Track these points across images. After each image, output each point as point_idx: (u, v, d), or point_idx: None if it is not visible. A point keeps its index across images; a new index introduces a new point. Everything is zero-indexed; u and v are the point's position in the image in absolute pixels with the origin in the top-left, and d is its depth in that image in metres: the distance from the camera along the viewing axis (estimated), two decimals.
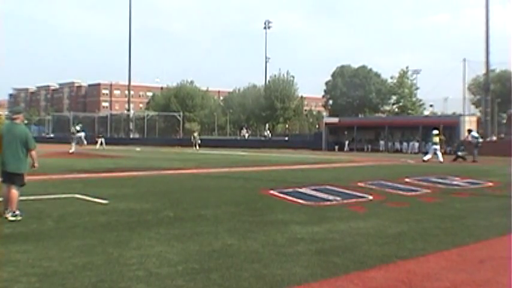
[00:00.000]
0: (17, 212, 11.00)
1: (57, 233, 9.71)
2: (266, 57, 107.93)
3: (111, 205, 13.15)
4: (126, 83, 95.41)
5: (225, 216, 11.91)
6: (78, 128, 42.03)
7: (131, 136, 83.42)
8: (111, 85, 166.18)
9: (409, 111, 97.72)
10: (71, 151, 37.38)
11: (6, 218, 10.85)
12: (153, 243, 8.76)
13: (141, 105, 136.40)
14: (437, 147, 37.58)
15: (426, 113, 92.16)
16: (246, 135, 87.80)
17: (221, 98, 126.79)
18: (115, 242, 8.88)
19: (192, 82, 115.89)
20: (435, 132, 38.55)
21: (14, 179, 11.17)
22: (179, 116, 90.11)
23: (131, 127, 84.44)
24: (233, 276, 6.86)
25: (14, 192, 11.04)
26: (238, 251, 8.32)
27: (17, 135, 11.21)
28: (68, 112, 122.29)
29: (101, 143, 60.19)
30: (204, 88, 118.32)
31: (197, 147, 58.83)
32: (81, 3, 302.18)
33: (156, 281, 6.61)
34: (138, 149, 54.15)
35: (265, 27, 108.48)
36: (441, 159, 36.42)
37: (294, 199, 14.75)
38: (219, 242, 9.05)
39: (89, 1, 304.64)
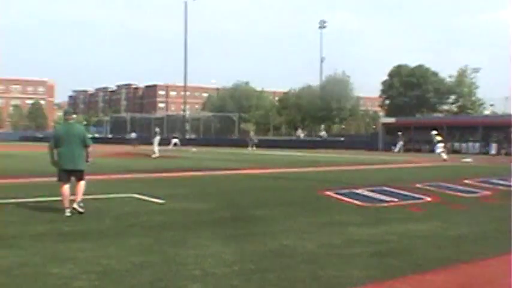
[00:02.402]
0: (81, 204, 11.59)
1: (115, 232, 9.88)
2: (321, 58, 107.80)
3: (167, 205, 13.29)
4: (182, 84, 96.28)
5: (281, 216, 11.92)
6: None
7: (187, 137, 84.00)
8: (167, 86, 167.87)
9: (469, 110, 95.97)
10: (154, 155, 37.41)
11: (80, 212, 11.41)
12: (209, 243, 8.82)
13: (197, 106, 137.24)
14: (441, 145, 38.29)
15: (486, 112, 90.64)
16: (302, 135, 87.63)
17: (276, 98, 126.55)
18: (171, 241, 8.98)
19: (247, 83, 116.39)
20: (434, 132, 40.73)
21: (78, 175, 11.72)
22: (234, 116, 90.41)
23: (187, 128, 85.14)
24: (289, 277, 6.87)
25: (81, 186, 11.74)
26: (294, 252, 8.33)
27: (75, 134, 11.73)
28: (125, 113, 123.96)
29: (175, 144, 60.74)
30: (259, 89, 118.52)
31: (253, 147, 58.86)
32: (138, 6, 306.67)
33: (212, 280, 6.67)
34: (194, 149, 54.50)
35: (320, 27, 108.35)
36: (445, 157, 38.03)
37: (350, 200, 14.68)
38: (275, 242, 9.06)
39: (146, 4, 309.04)
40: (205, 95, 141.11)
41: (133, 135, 72.75)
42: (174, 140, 61.99)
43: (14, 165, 28.28)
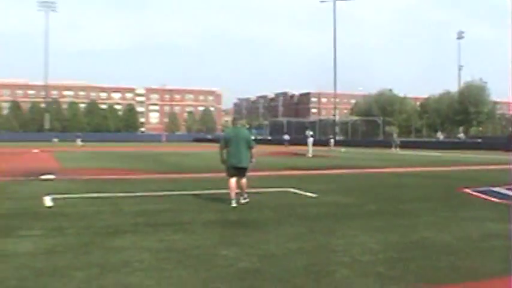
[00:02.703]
0: (245, 196, 12.19)
1: (274, 221, 10.03)
2: (459, 66, 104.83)
3: (320, 198, 13.36)
4: (333, 92, 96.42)
5: (423, 211, 11.64)
6: (310, 132, 42.46)
7: (337, 138, 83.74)
8: (319, 94, 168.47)
9: None
10: (309, 155, 37.77)
11: (241, 203, 11.93)
12: (356, 233, 8.79)
13: (345, 111, 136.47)
14: None
15: None
16: (441, 137, 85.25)
17: (418, 103, 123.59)
18: (323, 231, 9.01)
19: (391, 90, 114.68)
20: None
21: (241, 171, 12.11)
22: (379, 120, 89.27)
23: (337, 130, 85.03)
24: (429, 266, 6.73)
25: (244, 181, 12.19)
26: (434, 243, 8.13)
27: (242, 137, 12.18)
28: (282, 118, 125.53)
29: (335, 143, 61.00)
30: (401, 95, 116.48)
31: (396, 148, 57.73)
32: (294, 25, 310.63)
33: (359, 267, 6.65)
34: (343, 149, 54.30)
35: (458, 38, 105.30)
36: None
37: (488, 197, 14.06)
38: (417, 234, 8.88)
39: (300, 21, 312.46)
40: (352, 101, 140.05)
41: (285, 137, 74.34)
42: (332, 141, 62.18)
43: (189, 163, 29.42)
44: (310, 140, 39.79)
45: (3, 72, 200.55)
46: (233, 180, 12.09)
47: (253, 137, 12.96)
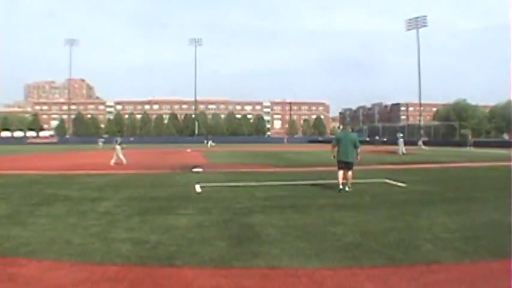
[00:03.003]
0: (350, 185, 12.28)
1: (372, 205, 9.98)
2: None
3: (408, 187, 13.08)
4: (418, 102, 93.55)
5: (492, 197, 11.05)
6: (400, 134, 41.35)
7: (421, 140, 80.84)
8: (407, 104, 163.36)
9: None
10: (400, 152, 36.87)
11: (346, 190, 12.04)
12: (438, 215, 8.59)
13: (428, 117, 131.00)
14: None
15: None
16: (506, 137, 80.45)
17: (487, 110, 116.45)
18: (411, 213, 8.86)
19: (465, 100, 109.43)
20: None
21: (347, 165, 12.31)
22: (456, 124, 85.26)
23: (421, 133, 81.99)
24: (497, 242, 6.52)
25: (350, 174, 12.37)
26: (501, 224, 7.78)
27: (349, 138, 12.52)
28: (377, 123, 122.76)
29: (423, 143, 59.05)
30: (473, 103, 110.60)
31: (470, 147, 54.59)
32: (385, 47, 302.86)
33: (440, 243, 6.55)
34: (427, 148, 52.23)
35: None
36: None
37: None
38: (486, 216, 8.54)
39: (389, 45, 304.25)
40: (434, 109, 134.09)
41: (376, 138, 73.71)
42: (421, 141, 59.99)
43: (305, 159, 29.49)
44: (401, 140, 38.62)
45: (165, 91, 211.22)
46: (341, 172, 12.39)
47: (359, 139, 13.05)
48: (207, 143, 71.73)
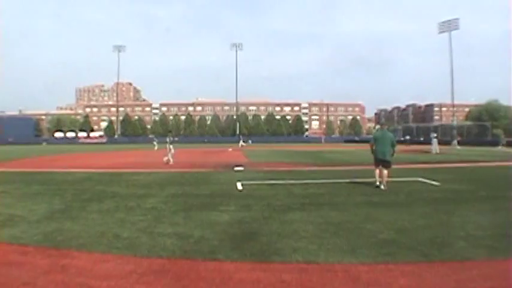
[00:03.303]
0: (385, 183, 12.30)
1: (406, 203, 9.85)
2: None
3: (442, 186, 12.84)
4: (451, 103, 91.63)
5: None
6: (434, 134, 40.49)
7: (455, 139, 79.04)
8: (440, 105, 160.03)
9: None
10: (434, 152, 36.19)
11: (380, 187, 12.20)
12: (471, 214, 8.43)
13: (461, 117, 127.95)
14: None
15: None
16: None
17: None
18: (444, 211, 8.72)
19: (496, 100, 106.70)
20: None
21: (384, 164, 12.46)
22: (488, 124, 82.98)
23: (454, 133, 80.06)
24: None
25: (386, 172, 12.44)
26: None
27: (387, 138, 12.66)
28: (412, 124, 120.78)
29: (458, 143, 57.89)
30: (506, 104, 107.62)
31: (502, 146, 52.83)
32: (418, 50, 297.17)
33: (473, 240, 6.45)
34: (459, 148, 50.99)
35: None
36: None
37: None
38: None
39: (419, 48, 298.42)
40: (467, 109, 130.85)
41: (407, 137, 72.79)
42: (455, 141, 58.66)
43: (341, 158, 29.31)
44: (435, 140, 37.86)
45: (208, 94, 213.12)
46: (378, 170, 12.57)
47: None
48: (244, 142, 67.33)
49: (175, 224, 7.66)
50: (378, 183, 12.41)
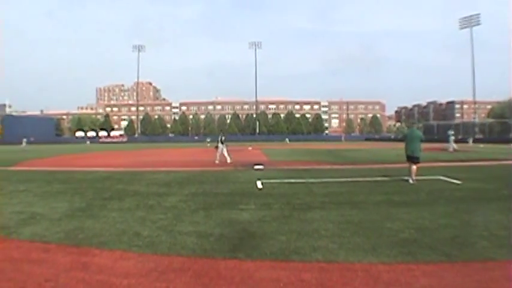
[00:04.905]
0: (414, 178, 13.28)
1: (428, 202, 9.76)
2: None
3: (463, 185, 12.67)
4: (472, 100, 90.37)
5: None
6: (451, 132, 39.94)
7: (476, 137, 77.69)
8: (461, 102, 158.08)
9: None
10: (451, 150, 35.77)
11: (410, 182, 13.14)
12: (493, 213, 8.30)
13: (483, 115, 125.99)
14: None
15: None
16: None
17: None
18: (466, 210, 8.62)
19: None
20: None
21: (415, 160, 13.49)
22: (511, 121, 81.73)
23: (476, 131, 78.98)
24: None
25: (415, 168, 13.39)
26: None
27: (415, 135, 13.74)
28: (432, 121, 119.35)
29: (472, 141, 57.19)
30: None
31: None
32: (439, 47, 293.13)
33: (495, 240, 6.38)
34: (481, 145, 50.28)
35: None
36: None
37: None
38: None
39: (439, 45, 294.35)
40: (488, 106, 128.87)
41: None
42: (470, 139, 57.89)
43: (361, 156, 29.12)
44: (451, 138, 37.45)
45: (228, 92, 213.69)
46: (409, 166, 13.54)
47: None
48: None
49: (195, 222, 7.72)
50: (410, 180, 13.22)
